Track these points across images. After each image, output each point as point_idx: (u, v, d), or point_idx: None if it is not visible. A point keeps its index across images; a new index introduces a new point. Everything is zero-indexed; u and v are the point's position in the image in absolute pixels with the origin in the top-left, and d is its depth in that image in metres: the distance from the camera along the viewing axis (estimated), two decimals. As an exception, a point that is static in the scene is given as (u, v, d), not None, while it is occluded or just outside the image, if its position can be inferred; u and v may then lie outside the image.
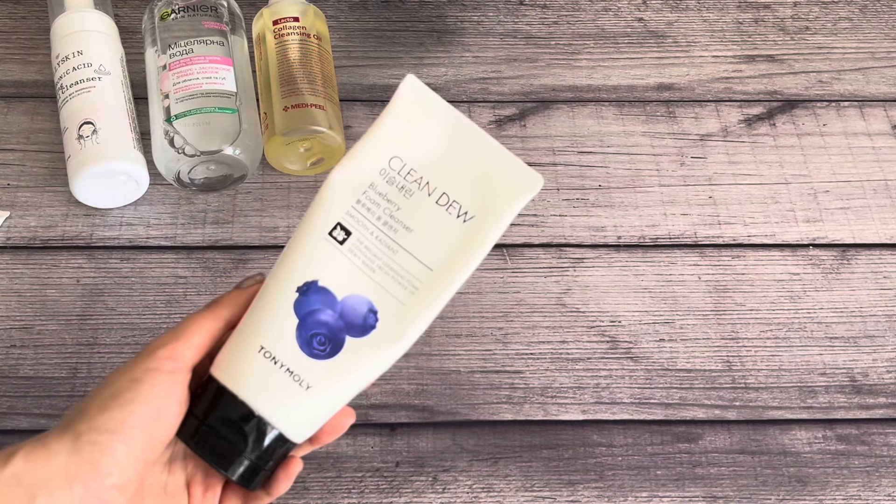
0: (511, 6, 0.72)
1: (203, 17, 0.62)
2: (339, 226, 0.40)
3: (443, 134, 0.41)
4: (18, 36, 0.68)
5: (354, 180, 0.41)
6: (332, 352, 0.39)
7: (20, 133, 0.63)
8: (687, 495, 0.52)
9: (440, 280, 0.40)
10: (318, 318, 0.39)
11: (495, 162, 0.41)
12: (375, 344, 0.39)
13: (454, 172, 0.41)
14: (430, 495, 0.52)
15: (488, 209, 0.40)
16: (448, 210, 0.40)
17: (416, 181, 0.41)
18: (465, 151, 0.41)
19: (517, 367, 0.56)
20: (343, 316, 0.39)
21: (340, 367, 0.39)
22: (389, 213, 0.40)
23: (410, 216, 0.40)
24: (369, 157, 0.41)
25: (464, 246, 0.40)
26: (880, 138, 0.66)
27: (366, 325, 0.39)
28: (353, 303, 0.39)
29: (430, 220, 0.40)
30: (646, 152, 0.65)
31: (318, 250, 0.40)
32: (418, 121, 0.41)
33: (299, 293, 0.39)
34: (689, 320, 0.58)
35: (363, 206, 0.40)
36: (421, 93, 0.41)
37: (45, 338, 0.55)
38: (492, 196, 0.40)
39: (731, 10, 0.72)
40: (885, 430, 0.55)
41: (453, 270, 0.40)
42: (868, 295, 0.59)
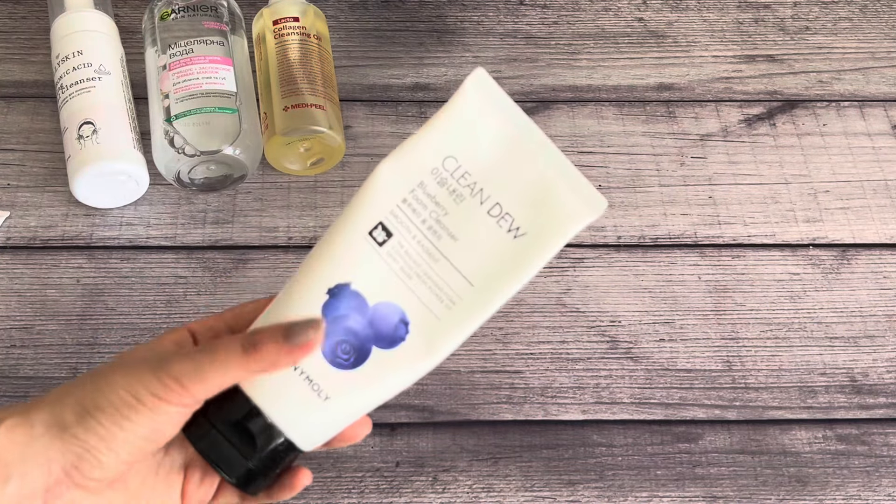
0: (511, 6, 0.72)
1: (203, 17, 0.62)
2: (381, 226, 0.37)
3: (506, 137, 0.38)
4: (18, 36, 0.68)
5: (404, 176, 0.38)
6: (356, 362, 0.37)
7: (20, 133, 0.63)
8: (687, 495, 0.52)
9: (480, 297, 0.37)
10: (346, 325, 0.37)
11: (558, 177, 0.38)
12: (403, 357, 0.37)
13: (511, 182, 0.38)
14: (430, 495, 0.52)
15: (542, 228, 0.37)
16: (499, 222, 0.37)
17: (469, 186, 0.38)
18: (527, 160, 0.38)
19: (517, 367, 0.56)
20: (372, 324, 0.37)
21: (363, 378, 0.37)
22: (436, 218, 0.37)
23: (458, 224, 0.37)
24: (423, 152, 0.38)
25: (510, 264, 0.37)
26: (880, 138, 0.66)
27: (395, 337, 0.37)
28: (384, 311, 0.37)
29: (479, 231, 0.37)
30: (646, 152, 0.65)
31: (355, 250, 0.37)
32: (481, 119, 0.38)
33: (330, 295, 0.37)
34: (689, 320, 0.58)
35: (409, 207, 0.37)
36: (488, 89, 0.38)
37: (45, 338, 0.55)
38: (548, 214, 0.37)
39: (731, 10, 0.72)
40: (885, 430, 0.55)
41: (495, 289, 0.37)
42: (868, 295, 0.59)
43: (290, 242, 0.59)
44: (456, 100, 0.38)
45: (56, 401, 0.34)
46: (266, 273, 0.58)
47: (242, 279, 0.58)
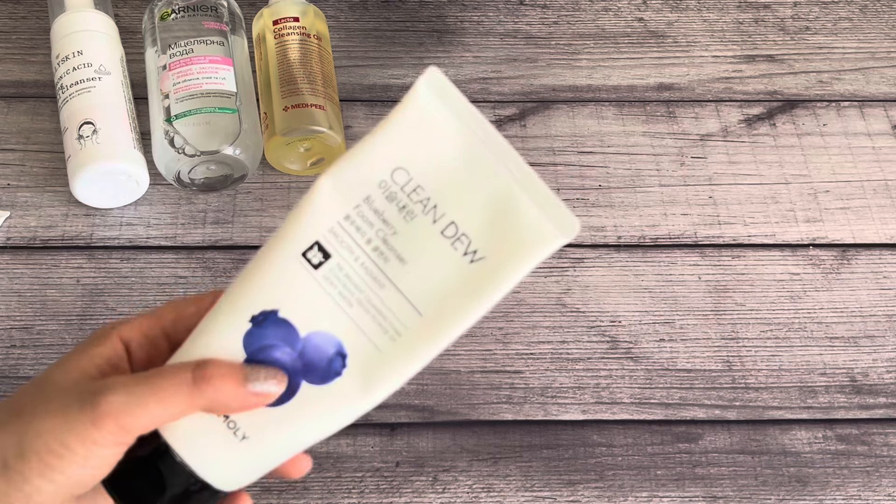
0: (511, 6, 0.72)
1: (203, 17, 0.62)
2: (317, 246, 0.33)
3: (464, 147, 0.33)
4: (18, 36, 0.68)
5: (348, 189, 0.33)
6: (281, 398, 0.32)
7: (20, 133, 0.63)
8: (687, 495, 0.52)
9: (429, 329, 0.33)
10: (272, 356, 0.32)
11: (523, 193, 0.33)
12: (337, 395, 0.32)
13: (469, 198, 0.33)
14: (430, 495, 0.52)
15: (503, 251, 0.33)
16: (454, 244, 0.33)
17: (422, 202, 0.33)
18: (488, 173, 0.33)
19: (517, 367, 0.56)
20: (303, 356, 0.32)
21: (288, 417, 0.32)
22: (383, 237, 0.33)
23: (407, 245, 0.33)
24: (370, 163, 0.33)
25: (465, 292, 0.33)
26: (880, 138, 0.66)
27: (330, 371, 0.32)
28: (318, 341, 0.32)
29: (431, 254, 0.33)
30: (646, 152, 0.65)
31: (286, 273, 0.33)
32: (436, 126, 0.33)
33: (253, 323, 0.32)
34: (689, 320, 0.58)
35: (352, 224, 0.33)
36: (443, 91, 0.33)
37: (45, 338, 0.55)
38: (511, 236, 0.33)
39: (731, 10, 0.72)
40: (885, 430, 0.55)
41: (447, 320, 0.33)
42: (868, 295, 0.59)
43: (290, 242, 0.59)
44: (407, 103, 0.33)
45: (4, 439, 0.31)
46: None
47: (242, 279, 0.58)
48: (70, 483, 0.31)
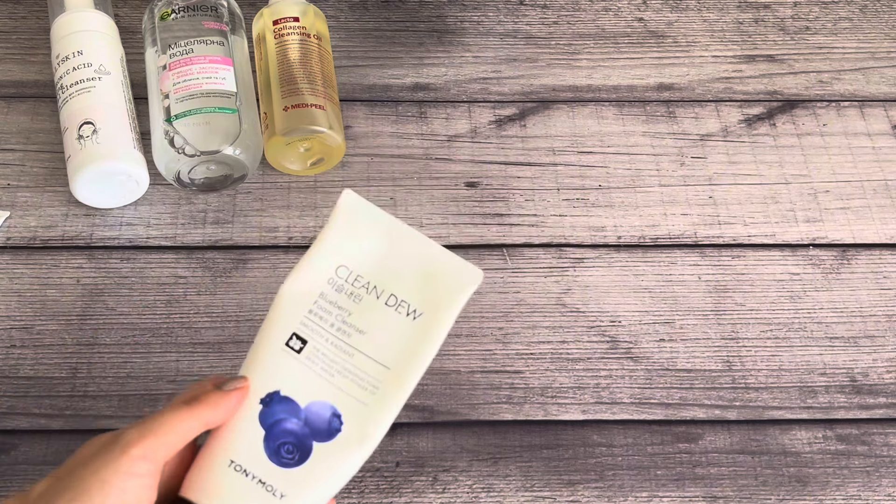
0: (511, 6, 0.72)
1: (203, 17, 0.62)
2: (295, 336, 0.42)
3: (384, 240, 0.43)
4: (18, 36, 0.68)
5: (305, 291, 0.42)
6: (300, 459, 0.40)
7: (20, 133, 0.63)
8: (687, 495, 0.52)
9: (398, 377, 0.41)
10: (285, 427, 0.40)
11: (435, 261, 0.43)
12: (342, 446, 0.40)
13: (399, 274, 0.43)
14: (430, 495, 0.52)
15: (436, 305, 0.42)
16: (398, 310, 0.42)
17: (364, 286, 0.43)
18: (407, 254, 0.43)
19: (517, 367, 0.56)
20: (308, 423, 0.40)
21: (311, 472, 0.40)
22: (342, 319, 0.42)
23: (362, 319, 0.42)
24: (316, 268, 0.43)
25: (417, 342, 0.42)
26: (880, 138, 0.66)
27: (331, 430, 0.40)
28: (316, 409, 0.41)
29: (382, 322, 0.42)
30: (646, 152, 0.65)
31: (277, 361, 0.41)
32: (359, 230, 0.43)
33: (263, 405, 0.40)
34: (689, 320, 0.58)
35: (316, 315, 0.42)
36: (358, 204, 0.44)
37: (45, 338, 0.55)
38: (437, 293, 0.42)
39: (731, 10, 0.72)
40: (885, 430, 0.55)
41: (409, 366, 0.41)
42: (868, 295, 0.59)
43: (290, 242, 0.59)
44: (334, 218, 0.44)
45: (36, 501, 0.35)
46: (266, 273, 0.58)
47: (242, 279, 0.58)
48: None
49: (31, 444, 0.52)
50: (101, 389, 0.54)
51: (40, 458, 0.52)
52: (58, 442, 0.52)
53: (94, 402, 0.53)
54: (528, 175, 0.63)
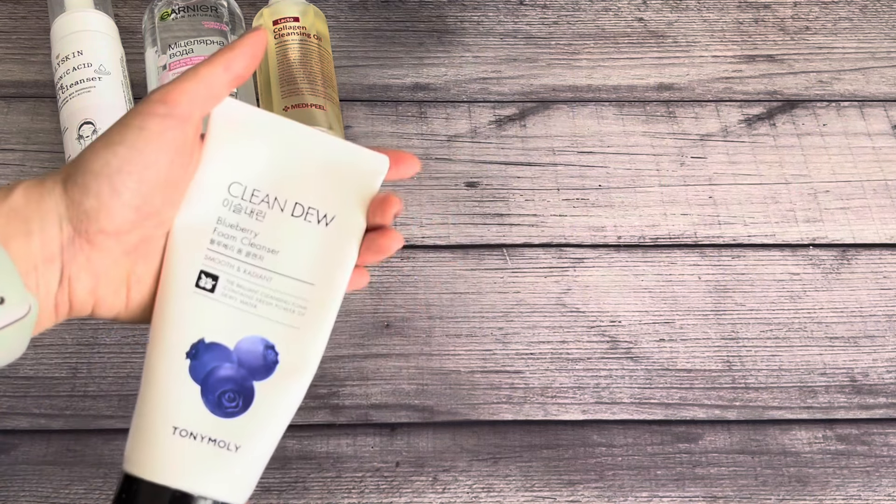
0: (511, 6, 0.72)
1: (203, 17, 0.62)
2: (203, 273, 0.37)
3: (273, 144, 0.39)
4: (18, 36, 0.68)
5: (200, 221, 0.38)
6: (245, 404, 0.37)
7: (20, 133, 0.63)
8: (687, 495, 0.52)
9: (324, 291, 0.38)
10: (219, 376, 0.37)
11: (335, 155, 0.39)
12: (284, 377, 0.37)
13: (298, 179, 0.39)
14: (430, 495, 0.52)
15: (346, 204, 0.39)
16: (307, 219, 0.38)
17: (264, 200, 0.39)
18: (302, 155, 0.39)
19: (517, 367, 0.56)
20: (242, 363, 0.37)
21: (259, 414, 0.37)
22: (249, 242, 0.38)
23: (271, 238, 0.38)
24: (205, 192, 0.38)
25: (335, 249, 0.38)
26: (880, 138, 0.66)
27: (268, 364, 0.37)
28: (247, 346, 0.37)
29: (293, 235, 0.38)
30: (646, 152, 0.65)
31: (192, 307, 0.37)
32: (243, 138, 0.39)
33: (190, 358, 0.37)
34: (689, 320, 0.58)
35: (220, 245, 0.38)
36: (235, 109, 0.39)
37: (46, 338, 0.55)
38: (344, 190, 0.39)
39: (731, 10, 0.72)
40: (885, 430, 0.55)
41: (333, 277, 0.38)
42: (868, 295, 0.59)
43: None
44: (213, 132, 0.38)
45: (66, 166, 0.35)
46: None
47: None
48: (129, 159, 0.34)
49: (31, 444, 0.52)
50: (101, 389, 0.54)
51: (40, 458, 0.52)
52: (58, 442, 0.52)
53: (94, 402, 0.53)
54: (528, 175, 0.63)
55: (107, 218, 0.34)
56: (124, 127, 0.34)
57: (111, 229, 0.34)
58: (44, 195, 0.34)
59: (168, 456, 0.35)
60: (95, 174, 0.34)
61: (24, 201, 0.33)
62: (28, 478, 0.51)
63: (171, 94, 0.35)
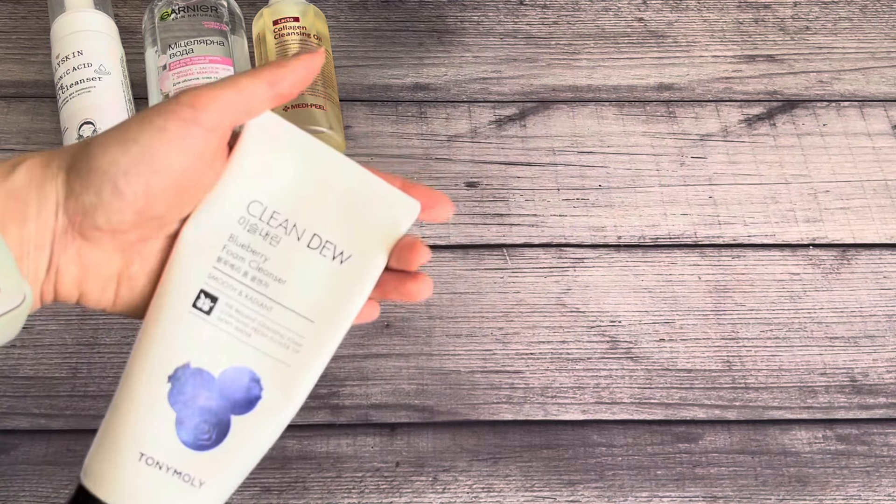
0: (511, 6, 0.72)
1: (203, 17, 0.62)
2: (203, 293, 0.35)
3: (302, 167, 0.36)
4: (18, 36, 0.68)
5: (211, 235, 0.36)
6: (218, 438, 0.35)
7: (20, 133, 0.63)
8: (687, 495, 0.52)
9: (324, 331, 0.36)
10: (198, 405, 0.34)
11: (365, 191, 0.37)
12: (263, 416, 0.35)
13: (322, 209, 0.36)
14: (430, 495, 0.52)
15: (366, 246, 0.36)
16: (322, 252, 0.36)
17: (282, 225, 0.36)
18: (330, 184, 0.37)
19: (517, 367, 0.56)
20: (224, 394, 0.35)
21: (229, 451, 0.35)
22: (257, 266, 0.36)
23: (281, 266, 0.36)
24: (224, 205, 0.36)
25: (344, 289, 0.36)
26: (880, 138, 0.66)
27: (250, 398, 0.35)
28: (232, 376, 0.35)
29: (304, 267, 0.36)
30: (646, 152, 0.65)
31: (185, 328, 0.35)
32: (273, 156, 0.36)
33: (171, 382, 0.34)
34: (689, 320, 0.58)
35: (226, 264, 0.36)
36: (274, 125, 0.36)
37: (45, 338, 0.55)
38: (367, 231, 0.36)
39: (731, 10, 0.72)
40: (885, 430, 0.55)
41: (337, 318, 0.36)
42: (868, 295, 0.59)
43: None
44: (245, 145, 0.36)
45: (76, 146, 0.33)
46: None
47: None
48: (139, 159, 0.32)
49: (31, 444, 0.52)
50: (101, 389, 0.54)
51: (40, 458, 0.52)
52: (58, 442, 0.52)
53: (94, 402, 0.53)
54: (528, 175, 0.63)
55: (104, 216, 0.33)
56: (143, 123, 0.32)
57: (107, 228, 0.33)
58: (47, 178, 0.32)
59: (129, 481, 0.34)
60: (101, 171, 0.32)
61: (26, 181, 0.32)
62: (28, 478, 0.51)
63: (201, 98, 0.32)
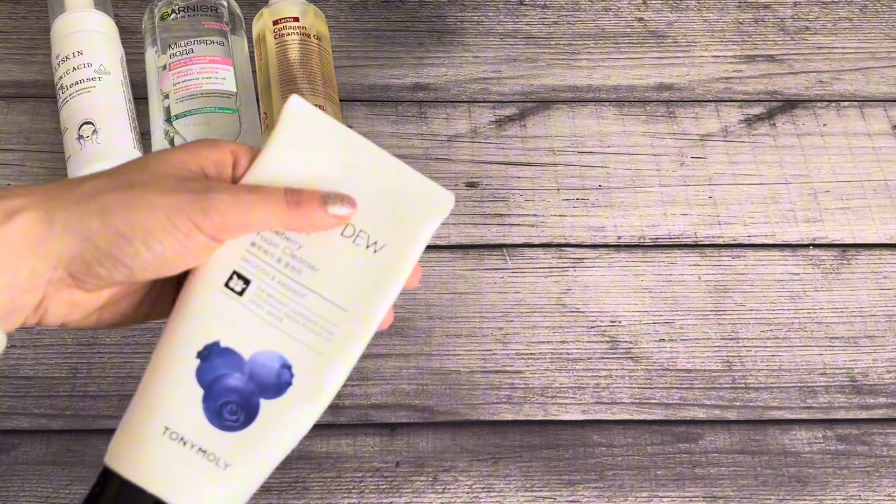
0: (511, 6, 0.72)
1: (203, 17, 0.62)
2: (236, 275, 0.35)
3: (338, 157, 0.37)
4: (18, 36, 0.68)
5: None
6: (246, 420, 0.34)
7: (20, 133, 0.63)
8: (687, 495, 0.52)
9: (356, 320, 0.36)
10: (227, 384, 0.34)
11: (400, 183, 0.37)
12: (293, 402, 0.35)
13: (357, 199, 0.37)
14: (430, 495, 0.52)
15: (399, 236, 0.37)
16: (356, 241, 0.36)
17: None
18: (366, 174, 0.37)
19: (517, 367, 0.56)
20: (253, 377, 0.35)
21: (258, 435, 0.34)
22: (290, 253, 0.36)
23: (314, 253, 0.36)
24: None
25: (378, 279, 0.36)
26: (880, 138, 0.66)
27: (280, 384, 0.35)
28: (263, 360, 0.35)
29: (337, 255, 0.36)
30: (646, 152, 0.65)
31: (215, 306, 0.35)
32: (310, 144, 0.37)
33: (200, 359, 0.35)
34: (689, 320, 0.58)
35: (259, 249, 0.36)
36: (310, 113, 0.37)
37: (45, 338, 0.55)
38: (401, 221, 0.37)
39: (731, 10, 0.72)
40: (885, 430, 0.55)
41: (370, 308, 0.36)
42: (868, 295, 0.59)
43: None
44: (279, 132, 0.37)
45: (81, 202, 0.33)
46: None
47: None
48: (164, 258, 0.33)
49: (31, 444, 0.52)
50: (101, 389, 0.54)
51: (40, 458, 0.52)
52: (58, 442, 0.52)
53: (94, 402, 0.53)
54: (528, 175, 0.63)
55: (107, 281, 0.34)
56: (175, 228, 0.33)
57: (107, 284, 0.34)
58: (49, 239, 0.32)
59: (151, 457, 0.33)
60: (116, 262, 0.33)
61: (23, 237, 0.32)
62: (28, 478, 0.51)
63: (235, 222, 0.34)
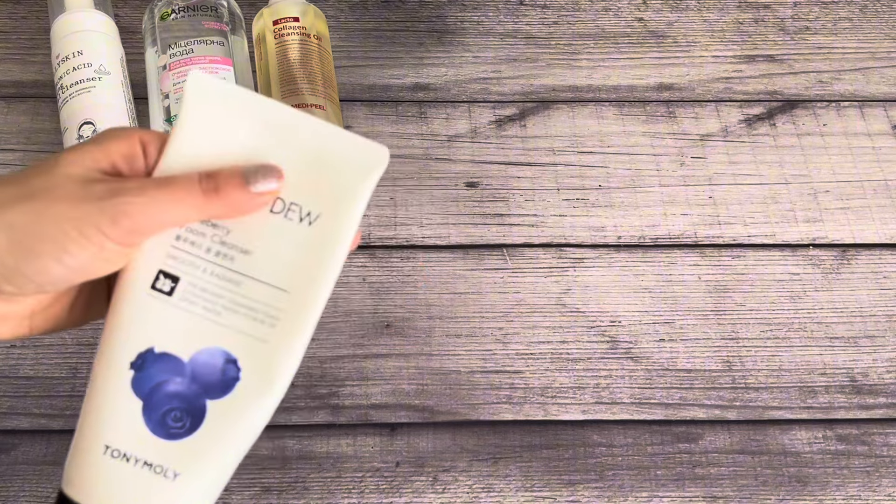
0: (511, 6, 0.72)
1: (203, 17, 0.62)
2: (162, 274, 0.33)
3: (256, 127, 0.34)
4: (18, 36, 0.68)
5: None
6: (193, 425, 0.32)
7: (20, 133, 0.63)
8: (687, 495, 0.52)
9: (302, 300, 0.33)
10: (167, 391, 0.32)
11: (327, 144, 0.34)
12: (242, 398, 0.32)
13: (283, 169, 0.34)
14: (430, 495, 0.52)
15: (335, 202, 0.33)
16: (287, 216, 0.33)
17: None
18: (289, 141, 0.34)
19: (517, 367, 0.56)
20: (196, 378, 0.32)
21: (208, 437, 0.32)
22: (220, 241, 0.33)
23: (245, 236, 0.33)
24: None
25: (318, 253, 0.33)
26: (880, 138, 0.66)
27: (227, 380, 0.32)
28: (204, 359, 0.32)
29: (270, 234, 0.33)
30: (646, 152, 0.65)
31: (144, 311, 0.33)
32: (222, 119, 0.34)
33: (134, 370, 0.32)
34: (689, 320, 0.58)
35: (185, 242, 0.33)
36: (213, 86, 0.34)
37: (45, 338, 0.55)
38: (334, 185, 0.33)
39: (731, 10, 0.72)
40: (885, 430, 0.55)
41: (313, 285, 0.33)
42: (868, 295, 0.59)
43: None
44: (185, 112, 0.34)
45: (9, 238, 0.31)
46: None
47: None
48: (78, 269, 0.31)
49: (31, 444, 0.52)
50: (101, 389, 0.54)
51: (40, 458, 0.52)
52: (58, 442, 0.52)
53: (94, 402, 0.53)
54: (528, 175, 0.63)
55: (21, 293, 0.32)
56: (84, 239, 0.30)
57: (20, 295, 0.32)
58: None
59: (97, 478, 0.32)
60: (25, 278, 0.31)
61: None
62: (28, 478, 0.51)
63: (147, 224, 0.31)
